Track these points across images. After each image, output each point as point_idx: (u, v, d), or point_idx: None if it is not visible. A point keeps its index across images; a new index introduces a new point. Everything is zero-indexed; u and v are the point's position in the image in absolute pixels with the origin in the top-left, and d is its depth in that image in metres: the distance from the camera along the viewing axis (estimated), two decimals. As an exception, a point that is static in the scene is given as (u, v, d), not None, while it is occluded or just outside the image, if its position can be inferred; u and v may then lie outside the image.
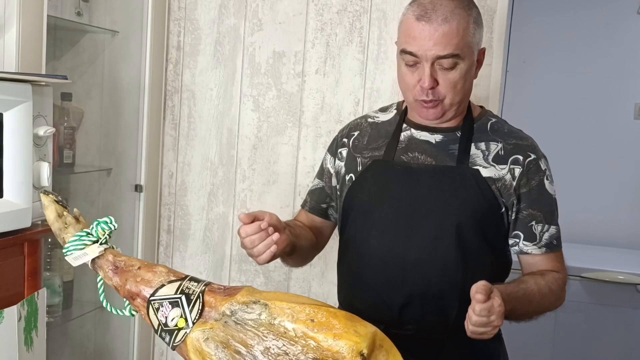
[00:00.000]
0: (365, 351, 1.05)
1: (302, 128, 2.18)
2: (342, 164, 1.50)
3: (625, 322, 2.64)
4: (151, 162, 2.24)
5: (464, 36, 1.31)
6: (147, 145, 2.20)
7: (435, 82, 1.33)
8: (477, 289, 1.17)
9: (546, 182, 1.42)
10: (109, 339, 2.28)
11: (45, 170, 1.44)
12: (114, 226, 1.21)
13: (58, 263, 2.06)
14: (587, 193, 3.16)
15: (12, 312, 1.35)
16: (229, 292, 1.16)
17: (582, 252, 2.91)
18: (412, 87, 1.35)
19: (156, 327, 1.16)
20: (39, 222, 1.47)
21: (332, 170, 1.53)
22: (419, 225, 1.36)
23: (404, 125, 1.45)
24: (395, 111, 1.50)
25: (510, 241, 1.42)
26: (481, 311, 1.17)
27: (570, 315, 2.64)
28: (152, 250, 2.30)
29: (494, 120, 1.46)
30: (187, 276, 1.19)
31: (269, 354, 1.09)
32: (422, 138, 1.42)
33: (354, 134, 1.51)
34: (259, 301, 1.12)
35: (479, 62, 1.40)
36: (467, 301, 1.22)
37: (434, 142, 1.41)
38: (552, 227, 1.43)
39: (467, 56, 1.33)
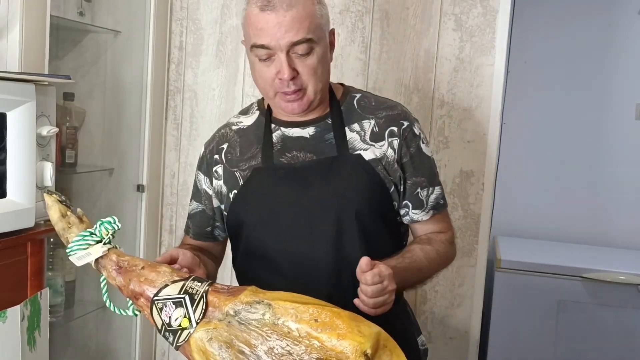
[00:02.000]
0: (369, 351, 1.05)
1: (304, 128, 2.18)
2: (221, 182, 1.42)
3: (626, 322, 2.64)
4: (153, 162, 2.24)
5: (312, 18, 1.27)
6: (149, 145, 2.20)
7: (294, 72, 1.28)
8: (360, 265, 1.17)
9: (422, 146, 1.41)
10: (111, 339, 2.28)
11: (49, 170, 1.44)
12: (118, 226, 1.21)
13: (60, 263, 2.06)
14: (588, 193, 3.16)
15: (15, 312, 1.35)
16: (233, 292, 1.16)
17: (583, 252, 2.91)
18: (272, 82, 1.30)
19: (159, 327, 1.16)
20: (42, 222, 1.47)
21: (209, 192, 1.45)
22: (319, 224, 1.33)
23: (273, 126, 1.40)
24: (257, 112, 1.45)
25: (401, 211, 1.41)
26: (373, 277, 1.17)
27: (571, 315, 2.64)
28: (154, 250, 2.30)
29: (358, 95, 1.43)
30: (190, 276, 1.19)
31: (273, 354, 1.09)
32: (295, 135, 1.38)
33: (223, 147, 1.43)
34: (262, 301, 1.12)
35: (332, 44, 1.36)
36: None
37: (308, 136, 1.37)
38: (435, 188, 1.43)
39: (320, 39, 1.29)
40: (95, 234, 1.20)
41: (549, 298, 2.61)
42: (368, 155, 1.35)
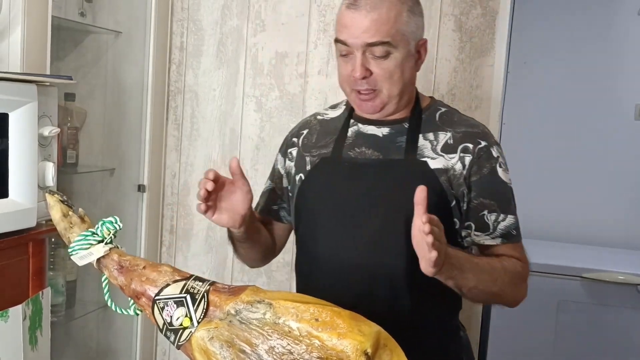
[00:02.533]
0: (369, 350, 1.06)
1: (305, 128, 2.18)
2: (292, 164, 1.47)
3: (625, 322, 2.64)
4: (154, 162, 2.25)
5: (395, 24, 1.28)
6: (150, 145, 2.21)
7: (367, 72, 1.30)
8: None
9: (499, 170, 1.35)
10: (112, 339, 2.29)
11: (50, 170, 1.45)
12: (119, 226, 1.21)
13: (61, 263, 2.07)
14: (587, 193, 3.17)
15: (17, 312, 1.36)
16: (234, 291, 1.16)
17: (582, 252, 2.92)
18: (347, 78, 1.33)
19: (161, 327, 1.16)
20: (44, 222, 1.47)
21: (282, 171, 1.50)
22: (364, 222, 1.33)
23: (352, 121, 1.42)
24: (344, 107, 1.48)
25: (463, 233, 1.36)
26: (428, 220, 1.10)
27: (570, 315, 2.65)
28: (154, 250, 2.31)
29: (443, 110, 1.42)
30: (191, 276, 1.19)
31: (274, 353, 1.09)
32: (369, 132, 1.39)
33: (303, 133, 1.48)
34: (263, 300, 1.13)
35: (420, 54, 1.36)
36: (419, 298, 1.24)
37: (381, 135, 1.38)
38: (508, 216, 1.35)
39: (400, 45, 1.29)
40: (96, 234, 1.21)
41: (548, 298, 2.61)
42: (434, 164, 1.33)
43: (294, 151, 1.48)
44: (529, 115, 3.17)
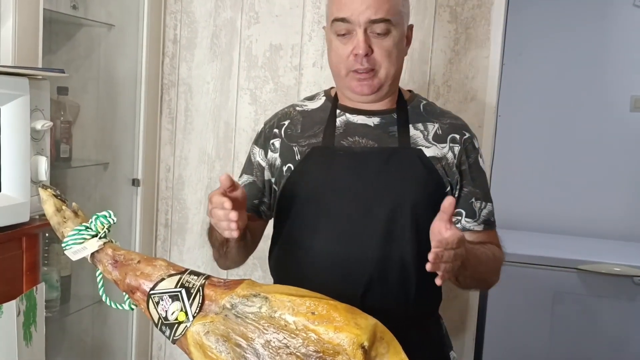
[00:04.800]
0: (366, 343, 1.06)
1: (300, 121, 2.17)
2: (277, 155, 1.43)
3: (621, 314, 2.64)
4: (148, 156, 2.23)
5: (394, 3, 1.32)
6: (144, 139, 2.19)
7: (370, 50, 1.31)
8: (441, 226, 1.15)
9: (480, 160, 1.43)
10: (107, 334, 2.28)
11: (43, 164, 1.44)
12: (113, 220, 1.21)
13: (55, 258, 2.05)
14: (583, 185, 3.17)
15: (11, 307, 1.34)
16: (229, 285, 1.16)
17: (578, 244, 2.92)
18: (346, 59, 1.32)
19: (156, 321, 1.15)
20: (37, 217, 1.46)
21: (263, 164, 1.46)
22: (374, 211, 1.33)
23: (338, 111, 1.41)
24: (324, 98, 1.46)
25: (453, 218, 1.36)
26: (454, 241, 1.14)
27: (566, 307, 2.65)
28: (149, 244, 2.30)
29: (424, 102, 1.46)
30: (186, 270, 1.19)
31: (270, 347, 1.09)
32: (359, 122, 1.39)
33: (284, 124, 1.45)
34: (259, 294, 1.12)
35: (408, 39, 1.39)
36: (424, 283, 1.26)
37: (372, 125, 1.39)
38: (488, 203, 1.44)
39: (398, 24, 1.33)
40: (90, 228, 1.20)
41: (544, 290, 2.61)
42: (429, 152, 1.37)
43: (276, 142, 1.44)
44: (524, 106, 3.17)
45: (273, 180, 1.45)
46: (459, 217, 1.41)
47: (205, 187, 2.28)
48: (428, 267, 1.14)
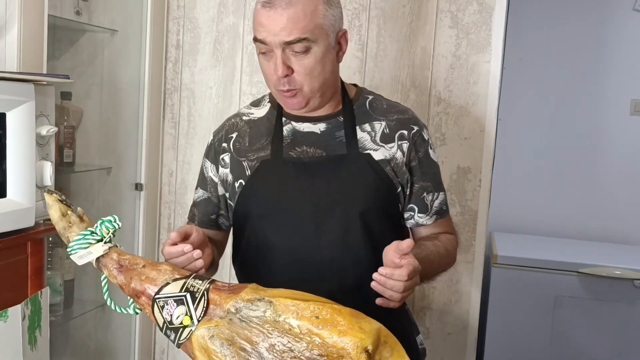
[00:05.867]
0: (370, 347, 1.06)
1: (302, 126, 2.18)
2: (227, 170, 1.43)
3: (622, 317, 2.65)
4: (151, 160, 2.24)
5: (312, 18, 1.27)
6: (147, 143, 2.20)
7: (289, 69, 1.29)
8: (391, 258, 1.17)
9: (430, 152, 1.44)
10: (110, 338, 2.29)
11: (48, 169, 1.44)
12: (118, 225, 1.22)
13: (59, 262, 2.06)
14: (583, 189, 3.18)
15: (16, 311, 1.35)
16: (234, 289, 1.17)
17: (578, 247, 2.93)
18: (270, 77, 1.32)
19: (161, 325, 1.16)
20: (42, 222, 1.47)
21: (215, 179, 1.46)
22: (326, 220, 1.33)
23: (284, 119, 1.40)
24: (269, 104, 1.45)
25: (406, 215, 1.44)
26: (409, 272, 1.17)
27: (567, 310, 2.66)
28: (152, 248, 2.31)
29: (371, 97, 1.45)
30: (191, 274, 1.20)
31: (274, 350, 1.09)
32: (305, 130, 1.39)
33: (232, 137, 1.44)
34: (263, 298, 1.13)
35: (341, 46, 1.36)
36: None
37: (319, 132, 1.38)
38: (440, 193, 1.46)
39: (319, 39, 1.29)
40: (95, 233, 1.21)
41: (545, 293, 2.62)
42: (377, 155, 1.37)
43: (226, 157, 1.43)
44: (524, 111, 3.18)
45: (227, 195, 1.45)
46: (412, 213, 1.43)
47: (207, 191, 2.29)
48: (373, 284, 1.19)
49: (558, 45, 3.17)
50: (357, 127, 1.39)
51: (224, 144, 1.44)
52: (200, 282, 1.18)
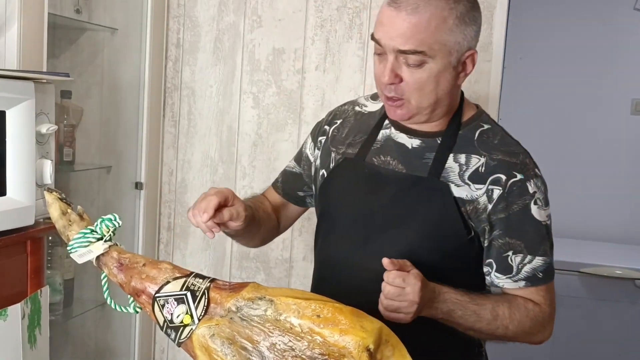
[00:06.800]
0: (371, 346, 1.06)
1: (303, 125, 2.18)
2: (318, 154, 1.40)
3: (623, 316, 2.65)
4: (151, 159, 2.24)
5: (435, 32, 1.15)
6: (147, 142, 2.20)
7: (397, 78, 1.18)
8: (383, 262, 1.12)
9: (533, 207, 1.22)
10: (110, 337, 2.28)
11: (48, 167, 1.44)
12: (118, 223, 1.21)
13: (59, 261, 2.06)
14: (584, 188, 3.18)
15: (16, 310, 1.35)
16: (234, 288, 1.16)
17: (579, 247, 2.93)
18: (378, 79, 1.22)
19: (161, 324, 1.16)
20: (42, 220, 1.47)
21: (311, 158, 1.42)
22: (374, 238, 1.26)
23: (386, 122, 1.32)
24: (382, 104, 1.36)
25: (485, 269, 1.27)
26: (395, 278, 1.11)
27: (568, 310, 2.66)
28: (152, 247, 2.30)
29: (485, 127, 1.28)
30: (192, 273, 1.19)
31: (275, 349, 1.09)
32: (399, 140, 1.29)
33: (336, 122, 1.39)
34: (264, 297, 1.12)
35: (465, 67, 1.22)
36: (419, 321, 1.15)
37: (410, 147, 1.28)
38: (536, 258, 1.24)
39: (438, 56, 1.16)
40: (96, 232, 1.20)
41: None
42: (458, 192, 1.22)
43: (323, 140, 1.40)
44: (525, 110, 3.18)
45: (314, 178, 1.42)
46: (489, 269, 1.26)
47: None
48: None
49: (559, 45, 3.17)
50: (452, 155, 1.24)
51: (326, 127, 1.40)
52: (201, 280, 1.17)
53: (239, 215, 1.25)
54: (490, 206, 1.22)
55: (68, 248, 1.20)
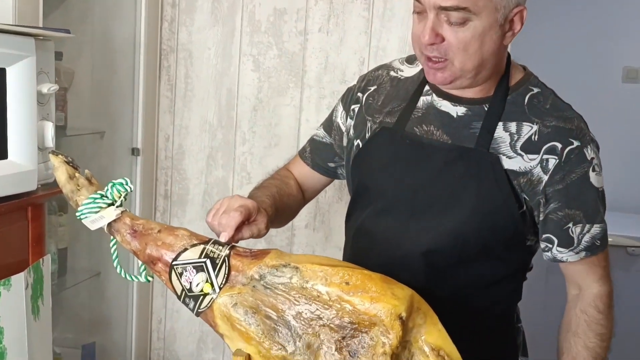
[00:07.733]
0: (404, 314, 1.02)
1: (305, 89, 2.11)
2: (352, 124, 1.31)
3: (616, 284, 2.66)
4: (148, 124, 2.16)
5: None
6: (144, 107, 2.12)
7: (438, 38, 1.11)
8: None
9: (591, 175, 1.17)
10: (105, 308, 2.24)
11: (50, 130, 1.36)
12: (130, 188, 1.15)
13: (53, 230, 1.99)
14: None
15: (19, 280, 1.29)
16: (256, 255, 1.12)
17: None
18: (417, 39, 1.14)
19: (179, 293, 1.11)
20: (40, 186, 1.39)
21: (343, 128, 1.34)
22: (421, 213, 1.19)
23: (426, 88, 1.24)
24: (420, 67, 1.27)
25: (542, 245, 1.22)
26: None
27: (560, 277, 2.65)
28: (149, 215, 2.24)
29: (535, 90, 1.21)
30: (210, 239, 1.15)
31: (302, 318, 1.05)
32: (442, 109, 1.21)
33: (369, 89, 1.31)
34: (289, 264, 1.08)
35: (512, 25, 1.15)
36: (462, 303, 1.16)
37: (455, 115, 1.20)
38: (594, 226, 1.19)
39: (483, 13, 1.09)
40: (106, 197, 1.14)
41: (538, 260, 2.61)
42: (509, 164, 1.16)
43: (356, 108, 1.31)
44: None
45: (347, 149, 1.33)
46: (550, 245, 1.20)
47: (206, 156, 2.22)
48: None
49: (550, 13, 3.14)
50: (501, 123, 1.17)
51: (359, 94, 1.31)
52: (221, 247, 1.13)
53: (260, 233, 1.20)
54: (545, 177, 1.16)
55: (77, 214, 1.14)
